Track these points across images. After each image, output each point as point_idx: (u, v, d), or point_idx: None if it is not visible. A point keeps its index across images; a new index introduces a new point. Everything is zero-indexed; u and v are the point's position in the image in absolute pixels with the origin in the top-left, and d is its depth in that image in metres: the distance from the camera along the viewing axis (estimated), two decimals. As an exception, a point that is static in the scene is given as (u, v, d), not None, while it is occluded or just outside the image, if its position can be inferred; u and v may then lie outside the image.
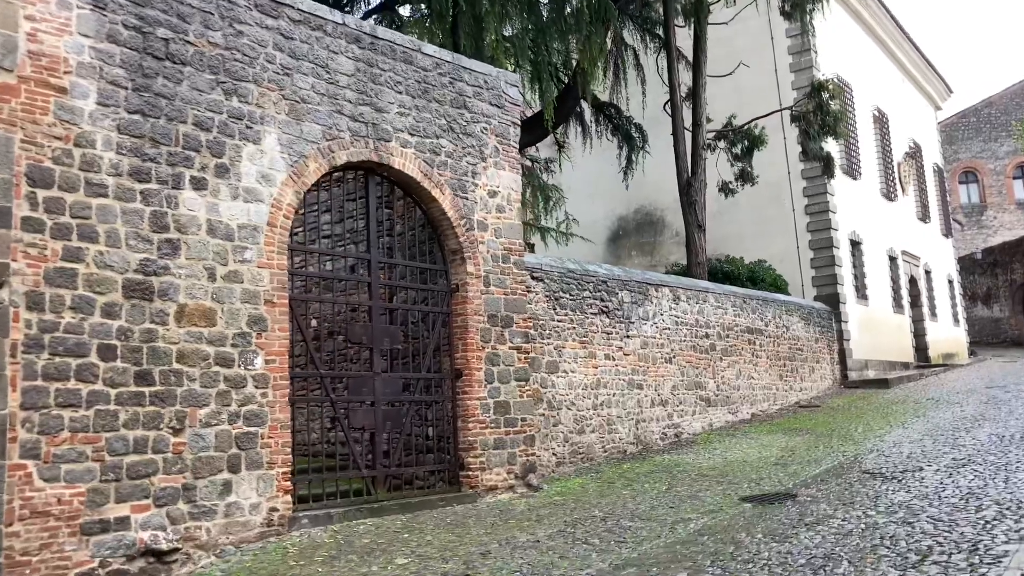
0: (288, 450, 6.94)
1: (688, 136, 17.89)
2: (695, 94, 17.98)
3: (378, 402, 7.90)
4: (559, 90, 16.85)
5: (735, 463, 10.22)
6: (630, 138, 19.99)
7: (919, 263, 26.49)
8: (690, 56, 18.63)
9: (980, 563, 5.01)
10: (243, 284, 6.85)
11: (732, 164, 18.90)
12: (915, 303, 25.64)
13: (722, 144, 19.04)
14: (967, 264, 36.74)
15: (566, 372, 10.51)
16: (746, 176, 18.72)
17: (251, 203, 7.01)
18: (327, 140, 7.64)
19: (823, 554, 5.61)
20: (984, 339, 36.30)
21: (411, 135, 8.38)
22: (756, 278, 18.71)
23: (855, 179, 22.51)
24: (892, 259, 24.18)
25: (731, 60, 19.77)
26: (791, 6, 18.11)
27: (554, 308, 10.49)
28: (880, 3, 25.31)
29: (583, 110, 20.17)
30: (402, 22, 14.82)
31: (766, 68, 21.35)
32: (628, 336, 11.95)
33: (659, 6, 18.69)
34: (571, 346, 10.68)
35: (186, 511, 6.25)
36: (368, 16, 15.75)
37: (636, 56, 20.00)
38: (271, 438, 6.83)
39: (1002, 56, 77.50)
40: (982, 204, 41.75)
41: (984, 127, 42.33)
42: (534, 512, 7.80)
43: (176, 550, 6.09)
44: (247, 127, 7.07)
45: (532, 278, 10.17)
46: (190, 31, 6.78)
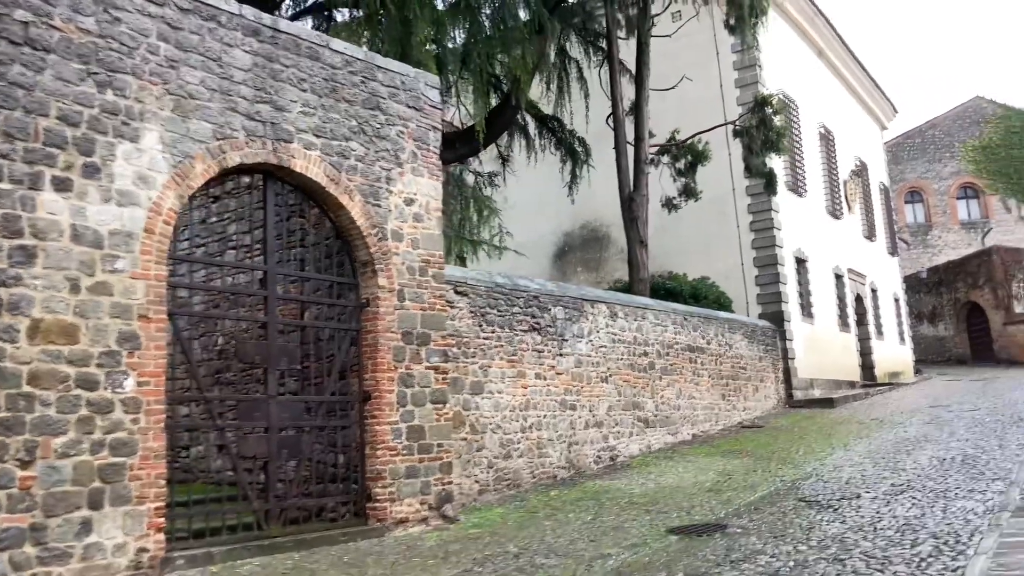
0: (163, 482, 6.21)
1: (631, 150, 17.50)
2: (638, 108, 17.61)
3: (272, 428, 7.20)
4: (499, 101, 16.36)
5: (668, 489, 9.68)
6: (574, 152, 19.58)
7: (865, 281, 26.44)
8: (634, 69, 18.27)
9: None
10: (113, 297, 6.13)
11: (675, 179, 18.55)
12: (861, 321, 25.55)
13: (665, 159, 18.70)
14: (913, 283, 37.01)
15: (492, 393, 9.90)
16: (689, 192, 18.39)
17: (125, 207, 6.30)
18: (218, 140, 6.97)
19: (745, 598, 5.07)
20: (929, 357, 36.54)
21: (316, 136, 7.74)
22: (699, 295, 18.35)
23: (801, 196, 22.34)
24: (838, 277, 24.06)
25: (677, 75, 19.48)
26: (735, 20, 17.84)
27: (480, 325, 9.88)
28: (827, 22, 25.34)
29: (527, 123, 19.73)
30: (330, 25, 14.19)
31: (711, 83, 21.12)
32: (561, 354, 11.40)
33: (603, 19, 18.32)
34: (499, 365, 10.08)
35: (34, 555, 5.49)
36: (297, 17, 15.10)
37: (580, 69, 19.59)
38: (142, 469, 6.09)
39: (946, 78, 79.26)
40: (927, 224, 42.21)
41: (929, 148, 42.88)
42: (443, 548, 7.15)
43: (20, 600, 5.33)
44: (123, 123, 6.37)
45: (456, 292, 9.56)
46: (55, 14, 6.07)
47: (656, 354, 14.01)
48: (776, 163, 20.99)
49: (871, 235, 28.06)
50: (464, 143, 15.89)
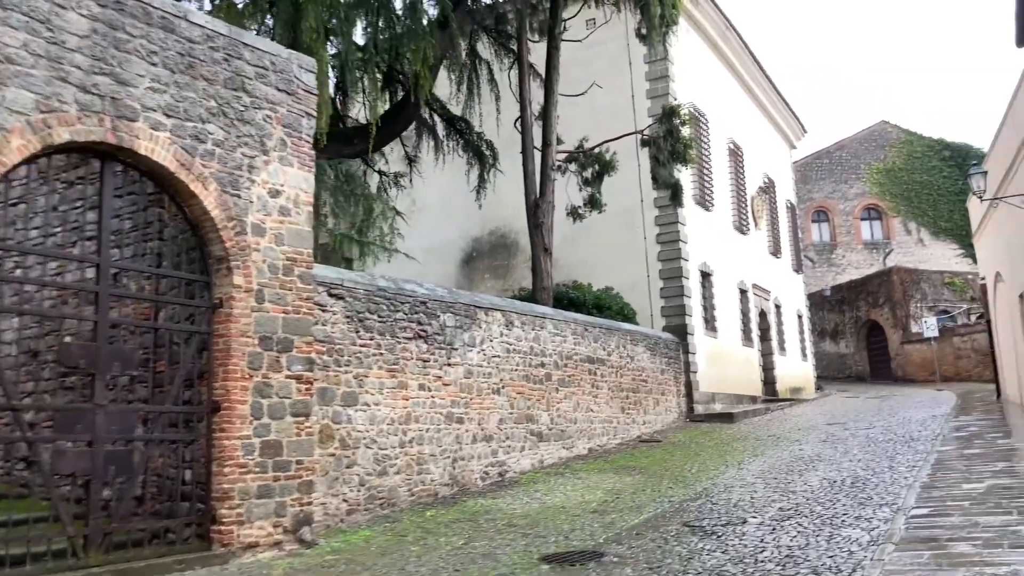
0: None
1: (539, 156, 17.04)
2: (546, 112, 17.17)
3: (98, 442, 6.35)
4: (402, 97, 15.68)
5: (552, 509, 9.15)
6: (481, 155, 19.04)
7: (769, 297, 26.66)
8: (544, 73, 17.84)
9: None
10: None
11: (581, 188, 18.19)
12: (764, 337, 25.72)
13: (573, 167, 18.32)
14: (817, 300, 37.76)
15: (368, 405, 9.19)
16: (595, 202, 18.04)
17: (-83, 183, 5.42)
18: (43, 112, 6.11)
19: (604, 645, 4.52)
20: (831, 374, 37.30)
21: (167, 116, 6.94)
22: (603, 306, 17.99)
23: (708, 210, 22.31)
24: (743, 292, 24.14)
25: (589, 82, 19.17)
26: (646, 28, 17.59)
27: (357, 331, 9.17)
28: (739, 38, 25.49)
29: (435, 123, 19.11)
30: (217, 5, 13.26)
31: (623, 93, 20.91)
32: (449, 364, 10.77)
33: (515, 21, 17.84)
34: (376, 375, 9.38)
35: None
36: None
37: (491, 71, 19.09)
38: (-79, 490, 5.21)
39: (855, 101, 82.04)
40: (832, 243, 43.24)
41: (836, 169, 43.98)
42: (290, 578, 6.43)
43: None
44: (-80, 86, 5.49)
45: (330, 295, 8.84)
46: None
47: (554, 365, 13.53)
48: (684, 176, 20.88)
49: (777, 252, 28.36)
50: (363, 139, 15.14)
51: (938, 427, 14.88)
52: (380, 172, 19.18)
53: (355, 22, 14.40)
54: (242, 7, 12.44)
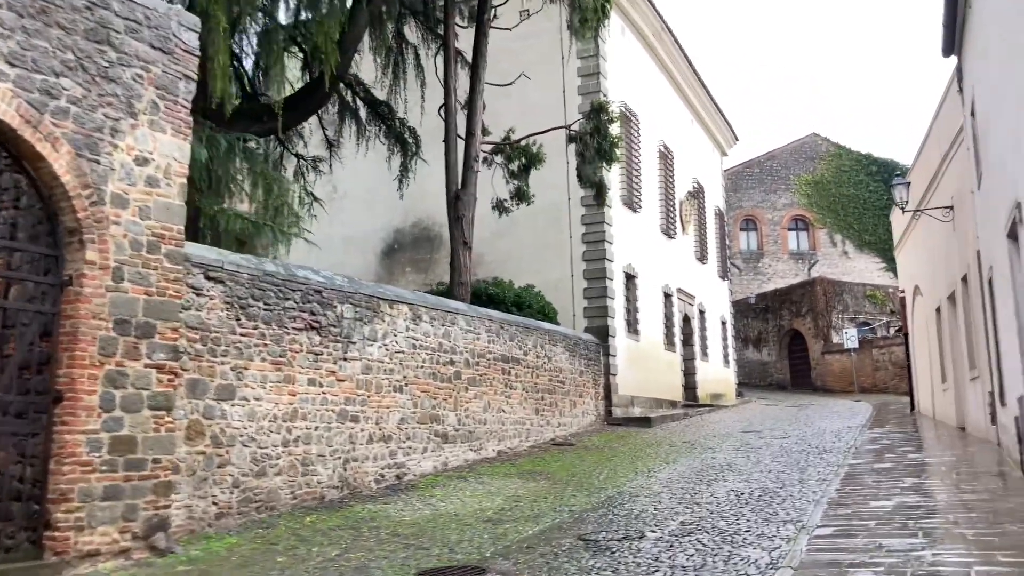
0: None
1: (462, 146, 16.42)
2: (471, 100, 16.55)
3: (-97, 433, 5.50)
4: (318, 76, 14.86)
5: (444, 517, 8.53)
6: (404, 142, 18.35)
7: (694, 302, 26.54)
8: (471, 60, 17.22)
9: None
10: None
11: (508, 181, 17.62)
12: (687, 341, 25.57)
13: (499, 159, 17.74)
14: (742, 308, 37.99)
15: (248, 399, 8.44)
16: (522, 195, 17.49)
17: None
18: None
19: None
20: (753, 381, 37.58)
21: (11, 65, 6.09)
22: (523, 304, 17.45)
23: (635, 212, 21.98)
24: (667, 296, 23.91)
25: (520, 75, 18.60)
26: (578, 21, 17.12)
27: (238, 318, 8.41)
28: (675, 41, 25.26)
29: (358, 107, 18.35)
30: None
31: (555, 88, 20.42)
32: (346, 358, 10.06)
33: (443, 4, 17.18)
34: (259, 367, 8.62)
35: None
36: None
37: (417, 56, 18.42)
38: None
39: (787, 112, 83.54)
40: (759, 251, 43.65)
41: (766, 178, 44.41)
42: (126, 593, 5.68)
43: None
44: None
45: (207, 278, 8.06)
46: None
47: (464, 363, 12.93)
48: (613, 176, 20.52)
49: (703, 257, 28.28)
50: (274, 117, 14.29)
51: (852, 439, 14.75)
52: (298, 155, 18.34)
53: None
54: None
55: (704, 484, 10.22)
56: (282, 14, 15.92)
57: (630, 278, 21.17)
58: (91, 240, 6.55)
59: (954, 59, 12.04)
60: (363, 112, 18.28)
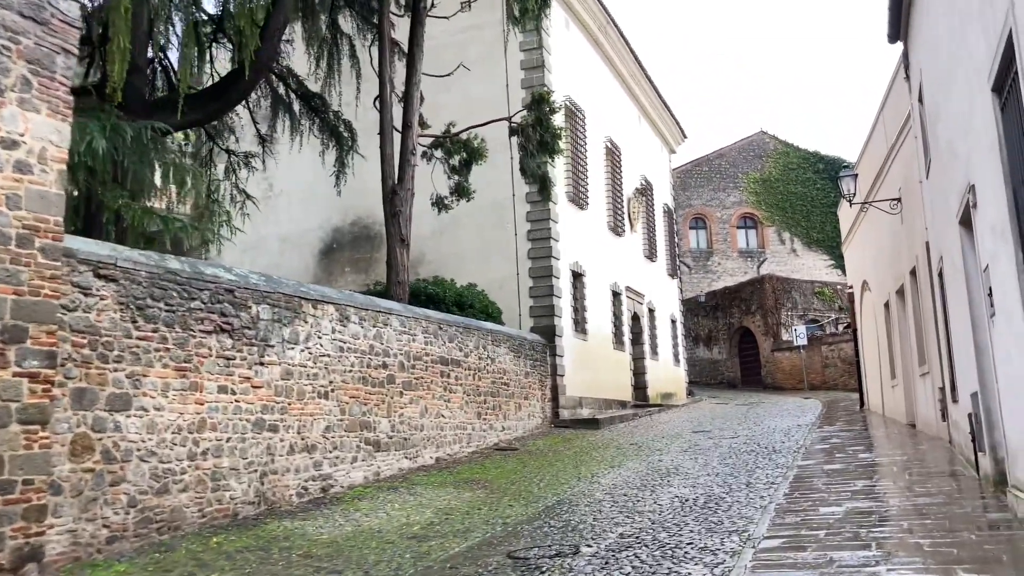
0: None
1: (399, 139, 15.72)
2: (407, 92, 15.86)
3: None
4: (239, 64, 14.05)
5: (365, 534, 7.85)
6: (339, 137, 17.59)
7: (643, 301, 26.14)
8: (407, 50, 16.53)
9: None
10: None
11: (449, 177, 16.96)
12: (637, 340, 25.15)
13: (439, 154, 17.07)
14: (692, 306, 37.82)
15: (146, 410, 7.66)
16: (462, 191, 16.84)
17: None
18: None
19: None
20: (704, 379, 37.42)
21: None
22: (465, 303, 16.82)
23: (582, 209, 21.47)
24: (616, 294, 23.45)
25: (461, 68, 17.96)
26: (519, 10, 16.55)
27: (134, 321, 7.62)
28: (620, 35, 24.84)
29: (291, 100, 17.56)
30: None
31: (498, 82, 19.84)
32: (263, 363, 9.31)
33: (379, -8, 16.48)
34: (160, 374, 7.85)
35: None
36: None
37: (352, 47, 17.69)
38: None
39: (736, 109, 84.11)
40: (709, 250, 43.58)
41: (715, 177, 44.37)
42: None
43: None
44: None
45: (97, 276, 7.27)
46: None
47: (399, 366, 12.24)
48: (559, 172, 20.01)
49: (652, 255, 27.91)
50: (195, 109, 13.45)
51: (801, 438, 14.38)
52: (228, 150, 17.50)
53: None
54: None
55: (648, 490, 9.68)
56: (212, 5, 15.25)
57: (577, 276, 20.66)
58: (-55, 232, 5.75)
59: (900, 46, 11.70)
60: (297, 105, 17.53)
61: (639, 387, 24.76)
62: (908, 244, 13.44)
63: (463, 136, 16.65)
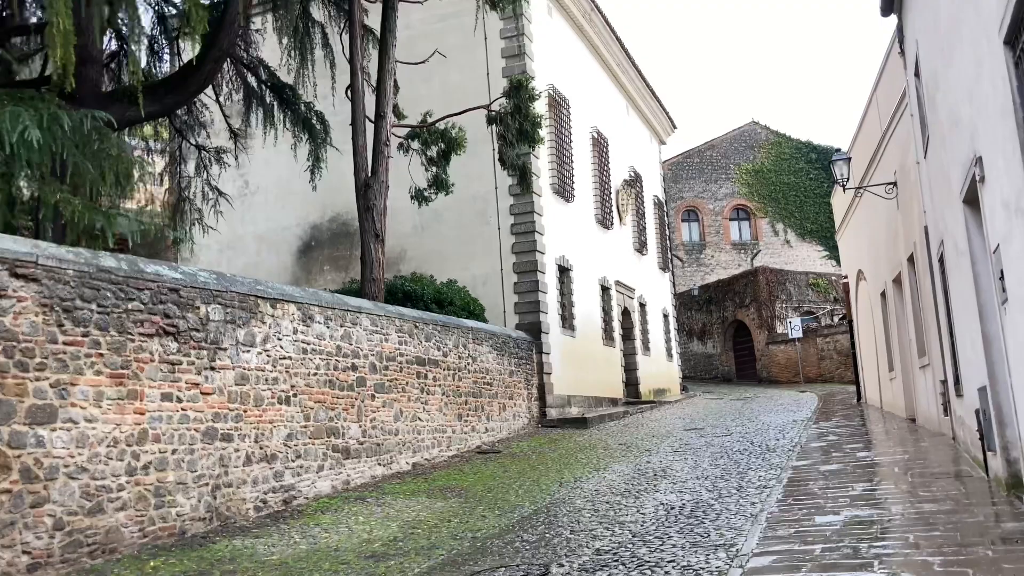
0: None
1: (372, 130, 15.03)
2: (380, 80, 15.16)
3: None
4: (200, 52, 13.33)
5: (320, 553, 7.17)
6: (312, 130, 16.87)
7: (634, 295, 25.48)
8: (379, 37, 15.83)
9: None
10: None
11: (427, 169, 16.27)
12: (627, 336, 24.50)
13: (416, 144, 16.37)
14: (685, 300, 37.17)
15: (75, 421, 6.96)
16: (441, 183, 16.13)
17: None
18: None
19: None
20: (698, 374, 36.80)
21: None
22: (445, 300, 16.14)
23: (568, 201, 20.79)
24: (605, 289, 22.78)
25: (440, 57, 17.25)
26: (496, -7, 15.86)
27: (60, 324, 6.93)
28: (605, 22, 24.15)
29: (264, 93, 16.84)
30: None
31: (477, 71, 19.16)
32: (213, 368, 8.62)
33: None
34: (91, 382, 7.16)
35: None
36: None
37: (325, 35, 16.99)
38: None
39: (727, 100, 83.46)
40: (702, 242, 42.93)
41: (707, 168, 43.71)
42: None
43: None
44: None
45: (14, 275, 6.58)
46: None
47: (370, 368, 11.55)
48: (542, 163, 19.37)
49: (643, 249, 27.24)
50: (152, 100, 12.73)
51: (796, 435, 13.74)
52: (198, 146, 16.83)
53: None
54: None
55: (632, 497, 9.02)
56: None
57: (564, 271, 19.99)
58: None
59: (894, 19, 11.03)
60: (269, 98, 16.83)
61: (631, 384, 24.11)
62: (905, 230, 12.79)
63: (440, 126, 15.96)
